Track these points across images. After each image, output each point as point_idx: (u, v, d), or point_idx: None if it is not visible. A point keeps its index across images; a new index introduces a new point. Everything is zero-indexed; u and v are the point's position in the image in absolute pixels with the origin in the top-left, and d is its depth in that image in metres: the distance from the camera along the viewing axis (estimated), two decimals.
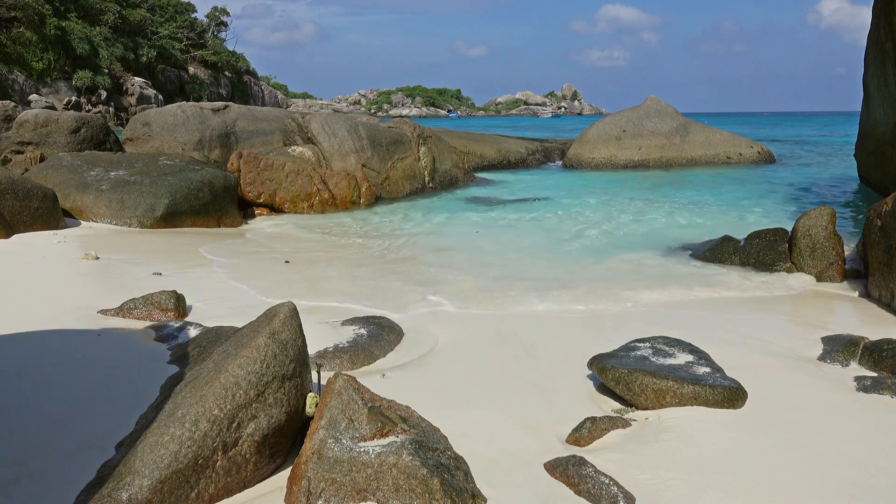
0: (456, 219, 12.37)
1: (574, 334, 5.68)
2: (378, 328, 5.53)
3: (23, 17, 42.41)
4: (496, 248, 9.47)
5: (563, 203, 14.23)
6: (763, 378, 4.57)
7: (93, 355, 4.74)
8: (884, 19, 12.04)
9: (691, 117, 24.32)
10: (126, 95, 50.21)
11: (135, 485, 2.86)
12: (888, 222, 6.54)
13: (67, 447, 3.42)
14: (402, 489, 2.98)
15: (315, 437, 3.11)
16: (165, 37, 59.76)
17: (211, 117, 15.35)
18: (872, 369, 4.84)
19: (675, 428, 3.79)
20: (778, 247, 8.28)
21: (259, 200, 12.51)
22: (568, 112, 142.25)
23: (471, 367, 4.90)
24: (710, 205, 13.76)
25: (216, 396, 3.15)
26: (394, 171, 14.87)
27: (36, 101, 39.86)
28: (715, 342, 5.21)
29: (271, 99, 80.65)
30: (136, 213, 10.57)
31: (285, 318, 3.54)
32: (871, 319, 6.14)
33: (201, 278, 7.30)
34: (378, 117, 38.51)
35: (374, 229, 11.15)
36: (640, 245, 9.70)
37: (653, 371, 4.24)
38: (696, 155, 21.98)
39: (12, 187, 9.39)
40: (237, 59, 72.70)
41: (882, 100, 12.97)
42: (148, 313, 5.70)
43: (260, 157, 12.68)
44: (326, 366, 4.74)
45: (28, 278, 6.89)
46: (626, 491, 3.16)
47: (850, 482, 3.24)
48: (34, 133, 13.61)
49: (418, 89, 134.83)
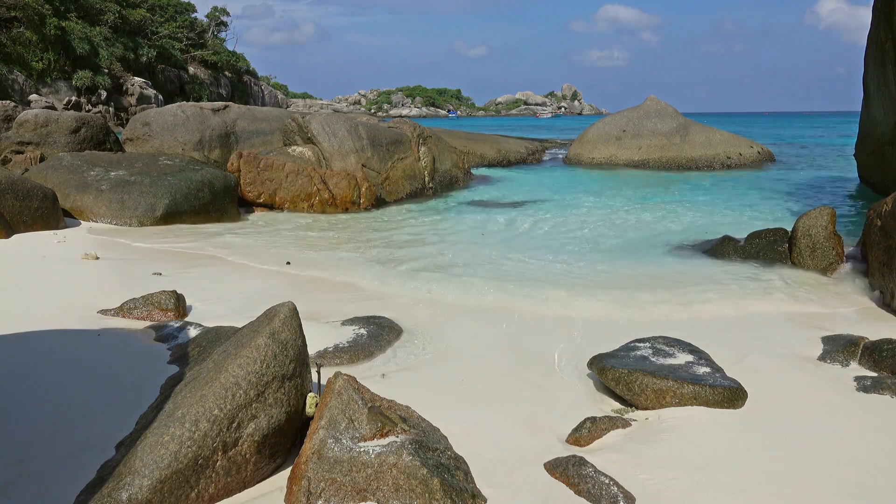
0: (456, 219, 12.37)
1: (574, 334, 5.68)
2: (378, 328, 5.53)
3: (23, 17, 42.40)
4: (496, 247, 9.47)
5: (563, 203, 14.23)
6: (763, 378, 4.57)
7: (93, 355, 4.74)
8: (884, 19, 12.04)
9: (691, 117, 24.31)
10: (126, 95, 50.18)
11: (135, 485, 2.86)
12: (888, 222, 6.54)
13: (67, 447, 3.42)
14: (402, 489, 2.97)
15: (315, 437, 3.11)
16: (165, 37, 59.73)
17: (211, 117, 15.35)
18: (872, 369, 4.83)
19: (675, 428, 3.79)
20: (778, 247, 8.28)
21: (259, 200, 12.50)
22: (568, 112, 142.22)
23: (471, 366, 4.90)
24: (710, 205, 13.76)
25: (216, 396, 3.15)
26: (394, 171, 14.86)
27: (36, 101, 39.84)
28: (715, 342, 5.22)
29: (271, 99, 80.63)
30: (136, 212, 10.57)
31: (285, 318, 3.54)
32: (871, 319, 6.14)
33: (201, 278, 7.30)
34: (378, 117, 38.55)
35: (373, 229, 11.15)
36: (639, 245, 9.69)
37: (653, 371, 4.24)
38: (696, 155, 21.97)
39: (12, 187, 9.39)
40: (237, 59, 72.66)
41: (882, 100, 12.97)
42: (148, 313, 5.70)
43: (260, 157, 12.68)
44: (326, 366, 4.74)
45: (28, 278, 6.89)
46: (626, 491, 3.16)
47: (850, 482, 3.24)
48: (34, 133, 13.62)
49: (418, 89, 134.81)
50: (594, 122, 24.12)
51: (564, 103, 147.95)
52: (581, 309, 6.46)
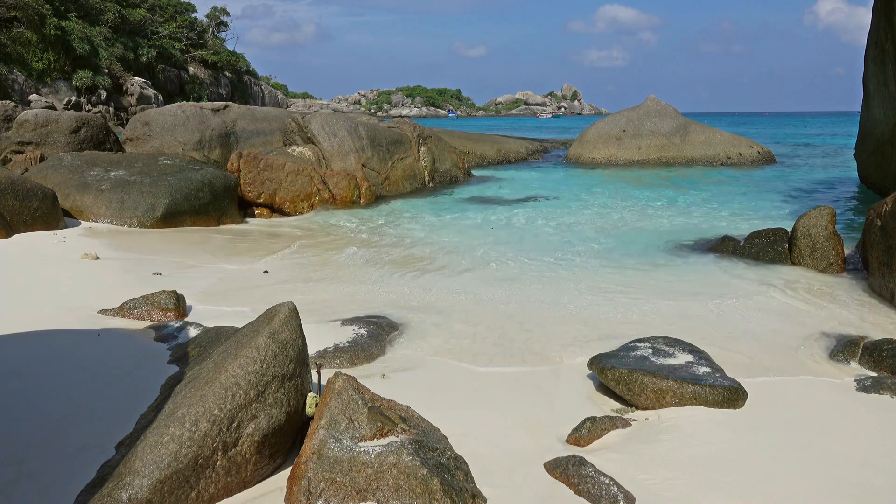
0: (456, 219, 12.37)
1: (574, 334, 5.68)
2: (378, 328, 5.53)
3: (23, 17, 42.37)
4: (496, 247, 9.47)
5: (563, 203, 14.23)
6: (763, 378, 4.57)
7: (93, 355, 4.74)
8: (884, 19, 12.04)
9: (691, 117, 24.31)
10: (126, 95, 50.16)
11: (135, 485, 2.86)
12: (888, 222, 6.54)
13: (67, 447, 3.42)
14: (402, 489, 2.97)
15: (315, 437, 3.11)
16: (165, 37, 59.73)
17: (211, 117, 15.35)
18: (872, 369, 4.84)
19: (675, 428, 3.79)
20: (778, 247, 8.28)
21: (259, 200, 12.50)
22: (568, 112, 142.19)
23: (471, 366, 4.90)
24: (710, 205, 13.76)
25: (216, 396, 3.15)
26: (394, 170, 14.86)
27: (36, 101, 39.82)
28: (715, 342, 5.22)
29: (271, 99, 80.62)
30: (136, 213, 10.57)
31: (285, 318, 3.54)
32: (871, 319, 6.14)
33: (201, 278, 7.30)
34: (378, 117, 38.53)
35: (373, 229, 11.15)
36: (639, 245, 9.69)
37: (653, 371, 4.24)
38: (696, 155, 21.97)
39: (12, 187, 9.39)
40: (237, 59, 72.67)
41: (882, 100, 12.97)
42: (148, 313, 5.70)
43: (260, 157, 12.68)
44: (326, 366, 4.74)
45: (28, 278, 6.89)
46: (626, 491, 3.16)
47: (849, 482, 3.24)
48: (34, 133, 13.61)
49: (418, 89, 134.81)
50: (594, 122, 24.12)
51: (564, 103, 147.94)
52: (581, 308, 6.46)
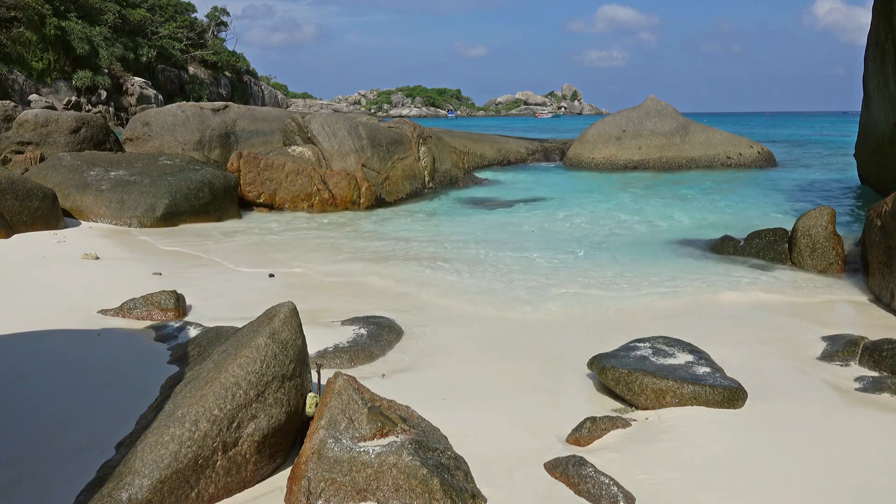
0: (456, 218, 12.37)
1: (574, 334, 5.68)
2: (378, 328, 5.53)
3: (23, 17, 42.37)
4: (496, 247, 9.47)
5: (563, 203, 14.22)
6: (763, 378, 4.57)
7: (93, 355, 4.74)
8: (884, 19, 12.03)
9: (691, 117, 24.28)
10: (126, 95, 50.15)
11: (135, 485, 2.86)
12: (888, 222, 6.54)
13: (67, 447, 3.42)
14: (402, 489, 2.97)
15: (315, 437, 3.11)
16: (165, 37, 59.71)
17: (211, 117, 15.34)
18: (872, 369, 4.84)
19: (675, 428, 3.79)
20: (778, 246, 8.28)
21: (259, 200, 12.51)
22: (568, 112, 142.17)
23: (471, 367, 4.90)
24: (710, 205, 13.75)
25: (216, 396, 3.15)
26: (394, 171, 14.86)
27: (36, 101, 39.81)
28: (715, 342, 5.21)
29: (271, 99, 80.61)
30: (136, 212, 10.57)
31: (285, 318, 3.54)
32: (871, 319, 6.14)
33: (201, 278, 7.30)
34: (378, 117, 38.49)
35: (373, 229, 11.14)
36: (639, 245, 9.69)
37: (653, 371, 4.24)
38: (696, 155, 21.96)
39: (12, 187, 9.39)
40: (237, 59, 72.66)
41: (882, 100, 12.97)
42: (148, 313, 5.70)
43: (260, 157, 12.68)
44: (326, 366, 4.74)
45: (28, 278, 6.89)
46: (626, 491, 3.16)
47: (850, 482, 3.24)
48: (34, 133, 13.61)
49: (418, 89, 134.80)
50: (594, 122, 24.09)
51: (564, 103, 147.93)
52: (581, 308, 6.46)
